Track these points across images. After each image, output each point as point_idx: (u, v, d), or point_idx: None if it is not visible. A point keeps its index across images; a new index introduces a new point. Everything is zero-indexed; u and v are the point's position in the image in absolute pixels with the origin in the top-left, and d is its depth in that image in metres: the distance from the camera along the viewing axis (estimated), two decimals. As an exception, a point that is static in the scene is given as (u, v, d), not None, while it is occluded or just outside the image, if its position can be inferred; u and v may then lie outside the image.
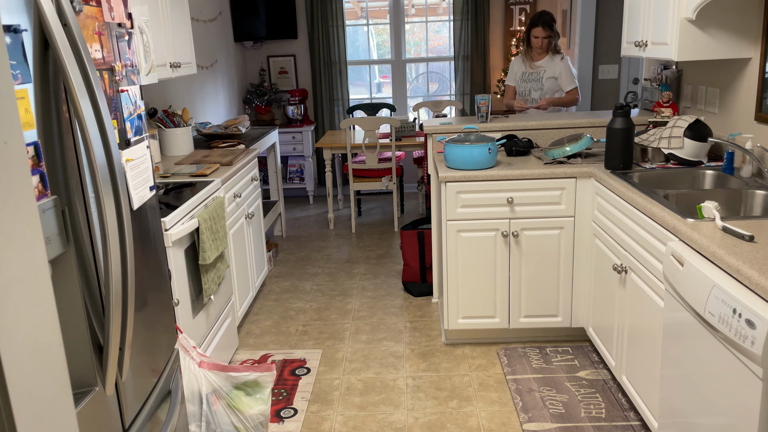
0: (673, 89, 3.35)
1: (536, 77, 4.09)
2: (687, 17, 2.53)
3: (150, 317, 1.70)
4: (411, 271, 3.92)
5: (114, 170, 1.33)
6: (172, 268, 2.38)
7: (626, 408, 2.60)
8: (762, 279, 1.51)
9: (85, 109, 1.25)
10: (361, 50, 6.43)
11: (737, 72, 2.75)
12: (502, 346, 3.18)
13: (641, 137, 2.92)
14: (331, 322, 3.57)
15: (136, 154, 1.65)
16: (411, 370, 3.01)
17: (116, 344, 1.35)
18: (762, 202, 2.31)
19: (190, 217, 2.58)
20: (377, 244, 4.92)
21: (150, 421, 1.65)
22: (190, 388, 2.16)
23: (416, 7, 6.33)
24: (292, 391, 2.85)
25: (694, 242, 1.86)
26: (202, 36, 4.79)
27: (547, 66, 4.06)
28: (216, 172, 3.17)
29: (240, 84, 5.96)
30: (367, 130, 4.95)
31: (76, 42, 1.26)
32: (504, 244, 3.01)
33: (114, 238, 1.31)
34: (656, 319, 2.17)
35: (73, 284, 1.29)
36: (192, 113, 4.51)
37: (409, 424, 2.58)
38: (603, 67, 5.48)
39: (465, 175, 2.93)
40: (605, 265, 2.71)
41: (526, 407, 2.64)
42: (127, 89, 1.63)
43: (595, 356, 3.03)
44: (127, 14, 1.69)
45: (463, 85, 6.14)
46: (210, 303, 2.82)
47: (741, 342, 1.51)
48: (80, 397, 1.31)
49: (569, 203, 2.95)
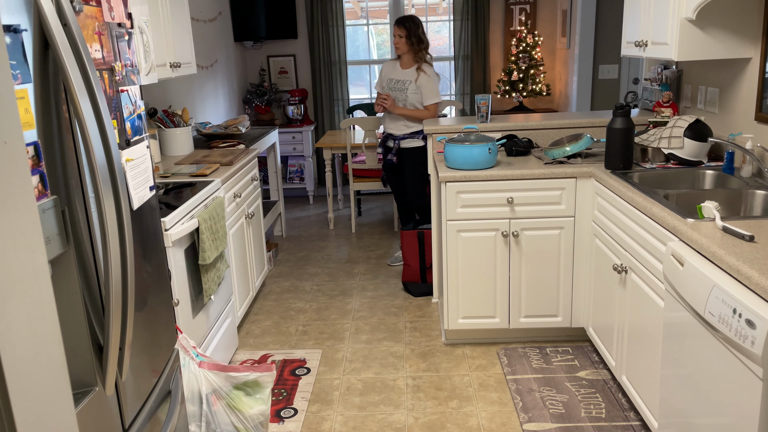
0: (673, 89, 3.35)
1: (401, 87, 4.00)
2: (687, 17, 2.53)
3: (150, 317, 1.70)
4: (411, 271, 3.92)
5: (114, 170, 1.33)
6: (172, 268, 2.38)
7: (626, 408, 2.60)
8: (762, 279, 1.51)
9: (85, 109, 1.25)
10: (361, 50, 6.43)
11: (737, 72, 2.75)
12: (502, 346, 3.18)
13: (641, 137, 2.92)
14: (331, 322, 3.57)
15: (136, 154, 1.65)
16: (411, 370, 3.01)
17: (116, 344, 1.35)
18: (762, 202, 2.31)
19: (190, 217, 2.58)
20: (377, 244, 4.92)
21: (150, 421, 1.65)
22: (190, 388, 2.16)
23: (416, 7, 6.32)
24: (292, 391, 2.85)
25: (694, 242, 1.86)
26: (202, 36, 4.78)
27: (412, 78, 3.96)
28: (216, 172, 3.17)
29: (240, 84, 5.96)
30: (367, 130, 4.95)
31: (76, 42, 1.26)
32: (504, 244, 3.01)
33: (114, 238, 1.31)
34: (656, 319, 2.17)
35: (73, 284, 1.29)
36: (192, 113, 4.51)
37: (409, 424, 2.58)
38: (603, 67, 5.47)
39: (465, 175, 2.93)
40: (605, 265, 2.71)
41: (526, 407, 2.64)
42: (127, 89, 1.63)
43: (595, 356, 3.03)
44: (127, 14, 1.69)
45: (463, 85, 6.14)
46: (210, 303, 2.82)
47: (741, 342, 1.51)
48: (80, 397, 1.31)
49: (569, 203, 2.95)
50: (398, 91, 4.01)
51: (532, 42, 5.83)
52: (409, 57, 3.99)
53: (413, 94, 3.96)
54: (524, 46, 5.82)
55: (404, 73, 4.01)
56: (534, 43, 5.84)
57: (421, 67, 3.94)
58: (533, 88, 5.85)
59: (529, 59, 5.82)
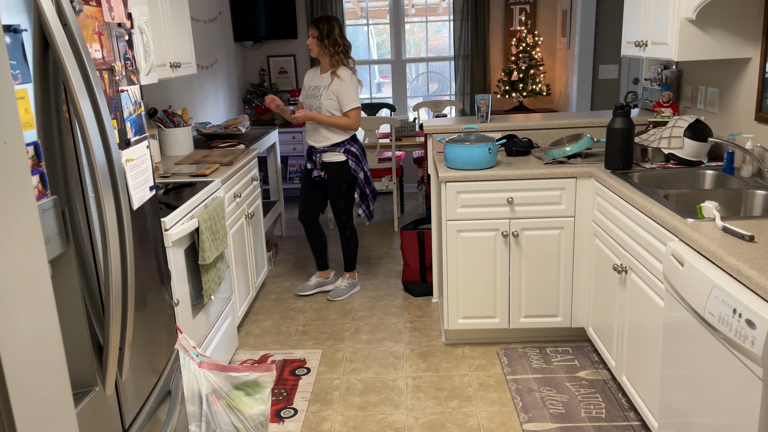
0: (673, 89, 3.35)
1: (316, 94, 3.63)
2: (687, 17, 2.53)
3: (150, 317, 1.70)
4: (411, 271, 3.91)
5: (114, 170, 1.33)
6: (172, 268, 2.38)
7: (626, 408, 2.60)
8: (762, 279, 1.51)
9: (85, 109, 1.25)
10: (361, 50, 6.42)
11: (737, 72, 2.75)
12: (502, 346, 3.17)
13: (641, 137, 2.92)
14: (331, 322, 3.57)
15: (136, 154, 1.65)
16: (411, 370, 3.01)
17: (116, 344, 1.35)
18: (762, 202, 2.31)
19: (189, 217, 2.58)
20: (377, 244, 4.92)
21: (150, 421, 1.65)
22: (190, 388, 2.16)
23: (416, 7, 6.33)
24: (292, 391, 2.85)
25: (694, 242, 1.86)
26: (202, 36, 4.78)
27: (326, 83, 3.59)
28: (216, 172, 3.17)
29: (240, 84, 5.96)
30: (367, 130, 4.95)
31: (76, 42, 1.26)
32: (504, 244, 3.01)
33: (114, 238, 1.31)
34: (656, 319, 2.17)
35: (73, 284, 1.29)
36: (192, 113, 4.51)
37: (409, 424, 2.58)
38: (603, 67, 5.47)
39: (465, 175, 2.93)
40: (605, 265, 2.71)
41: (526, 407, 2.64)
42: (127, 89, 1.63)
43: (595, 356, 3.03)
44: (127, 14, 1.69)
45: (463, 85, 6.14)
46: (210, 303, 2.82)
47: (741, 342, 1.51)
48: (80, 397, 1.31)
49: (569, 203, 2.95)
50: (313, 98, 3.64)
51: (532, 42, 5.83)
52: (325, 61, 3.63)
53: (327, 101, 3.57)
54: (524, 46, 5.82)
55: (321, 78, 3.65)
56: (534, 43, 5.84)
57: (336, 71, 3.58)
58: (533, 88, 5.85)
59: (529, 59, 5.82)
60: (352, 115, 3.59)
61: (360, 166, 3.73)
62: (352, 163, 3.68)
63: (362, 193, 3.79)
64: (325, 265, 4.01)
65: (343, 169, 3.68)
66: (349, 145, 3.69)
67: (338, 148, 3.66)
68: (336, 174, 3.70)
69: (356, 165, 3.70)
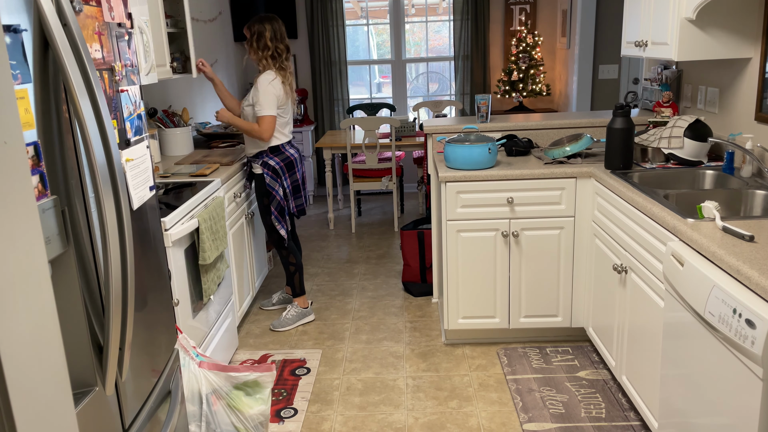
0: (673, 89, 3.35)
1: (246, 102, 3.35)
2: (687, 17, 2.53)
3: (150, 317, 1.70)
4: (411, 271, 3.91)
5: (114, 170, 1.33)
6: (172, 268, 2.38)
7: (626, 408, 2.60)
8: (762, 279, 1.51)
9: (85, 109, 1.25)
10: (361, 50, 6.43)
11: (737, 72, 2.75)
12: (502, 346, 3.17)
13: (641, 137, 2.92)
14: (331, 322, 3.57)
15: (136, 154, 1.65)
16: (411, 370, 3.01)
17: (116, 344, 1.35)
18: (762, 202, 2.31)
19: (190, 217, 2.58)
20: (377, 244, 4.92)
21: (150, 421, 1.65)
22: (190, 388, 2.16)
23: (416, 7, 6.33)
24: (292, 391, 2.85)
25: (695, 242, 1.86)
26: (202, 36, 4.78)
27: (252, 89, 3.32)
28: (216, 172, 3.17)
29: (240, 84, 5.96)
30: (367, 130, 4.95)
31: (76, 42, 1.26)
32: (504, 244, 3.01)
33: (114, 238, 1.31)
34: (656, 319, 2.17)
35: (73, 284, 1.29)
36: (192, 113, 4.51)
37: (409, 424, 2.58)
38: (603, 67, 5.47)
39: (465, 175, 2.93)
40: (605, 265, 2.71)
41: (526, 407, 2.64)
42: (127, 89, 1.63)
43: (595, 356, 3.03)
44: (127, 14, 1.69)
45: (463, 85, 6.14)
46: (210, 303, 2.82)
47: (741, 342, 1.51)
48: (80, 397, 1.31)
49: (569, 203, 2.95)
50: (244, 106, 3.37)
51: (532, 42, 5.83)
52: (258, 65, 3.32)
53: (247, 107, 3.30)
54: (524, 46, 5.82)
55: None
56: (534, 43, 5.84)
57: (257, 76, 3.27)
58: (533, 88, 5.85)
59: (529, 59, 5.82)
60: (262, 122, 3.22)
61: (279, 181, 3.37)
62: (268, 177, 3.34)
63: (280, 212, 3.40)
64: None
65: (259, 183, 3.38)
66: (267, 158, 3.34)
67: (257, 160, 3.37)
68: (256, 188, 3.41)
69: (272, 180, 3.35)
